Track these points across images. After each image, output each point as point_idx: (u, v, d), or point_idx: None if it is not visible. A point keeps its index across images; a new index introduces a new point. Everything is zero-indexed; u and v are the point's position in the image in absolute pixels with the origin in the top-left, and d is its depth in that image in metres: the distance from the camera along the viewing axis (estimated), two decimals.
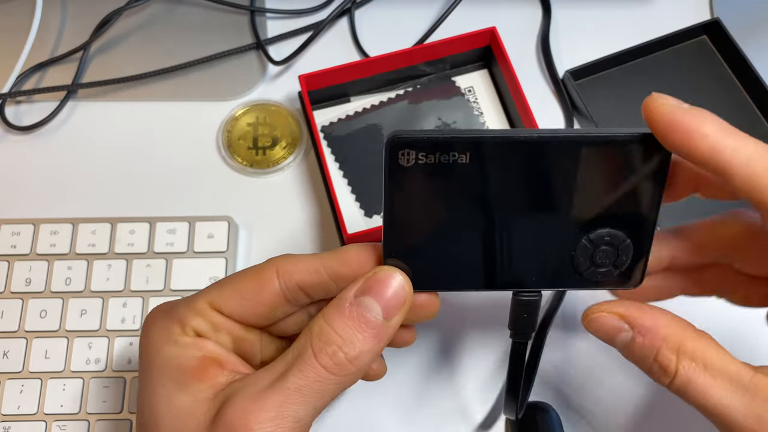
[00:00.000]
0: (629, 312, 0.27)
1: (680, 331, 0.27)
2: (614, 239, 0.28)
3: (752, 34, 0.51)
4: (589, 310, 0.28)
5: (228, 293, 0.29)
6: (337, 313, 0.27)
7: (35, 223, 0.44)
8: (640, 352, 0.27)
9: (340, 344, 0.26)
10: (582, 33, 0.52)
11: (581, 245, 0.28)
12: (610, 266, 0.28)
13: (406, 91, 0.49)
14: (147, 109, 0.50)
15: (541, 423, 0.39)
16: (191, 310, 0.29)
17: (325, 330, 0.26)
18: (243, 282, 0.29)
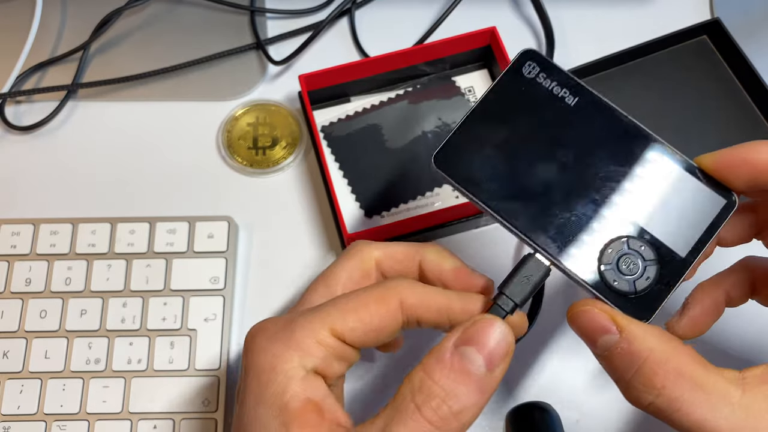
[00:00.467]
0: (619, 315, 0.26)
1: (668, 344, 0.25)
2: (646, 254, 0.27)
3: (752, 34, 0.51)
4: (577, 304, 0.27)
5: (352, 321, 0.27)
6: (438, 365, 0.25)
7: (35, 223, 0.44)
8: (621, 361, 0.26)
9: (443, 397, 0.25)
10: (582, 33, 0.52)
11: (617, 240, 0.27)
12: (630, 280, 0.27)
13: (406, 91, 0.49)
14: (147, 109, 0.50)
15: (541, 423, 0.39)
16: (313, 338, 0.27)
17: (426, 383, 0.25)
18: (366, 310, 0.28)
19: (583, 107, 0.29)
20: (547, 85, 0.29)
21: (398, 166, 0.46)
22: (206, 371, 0.41)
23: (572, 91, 0.29)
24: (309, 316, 0.27)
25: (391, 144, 0.47)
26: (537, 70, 0.29)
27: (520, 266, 0.28)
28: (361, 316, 0.27)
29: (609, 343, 0.26)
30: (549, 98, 0.29)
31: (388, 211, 0.45)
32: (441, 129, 0.47)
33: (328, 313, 0.27)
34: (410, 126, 0.47)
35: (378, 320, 0.28)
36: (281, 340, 0.27)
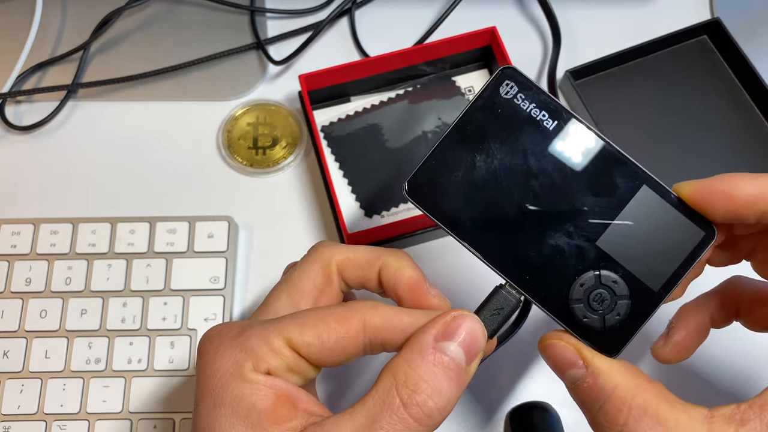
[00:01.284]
0: (586, 349, 0.26)
1: (633, 380, 0.25)
2: (618, 290, 0.27)
3: (752, 33, 0.51)
4: (547, 335, 0.27)
5: (309, 336, 0.27)
6: (422, 360, 0.25)
7: (35, 222, 0.44)
8: (587, 395, 0.26)
9: (429, 393, 0.25)
10: (582, 33, 0.52)
11: (588, 275, 0.27)
12: (600, 316, 0.27)
13: (406, 91, 0.49)
14: (147, 108, 0.50)
15: (541, 423, 0.39)
16: (267, 346, 0.26)
17: (411, 377, 0.25)
18: (325, 327, 0.27)
19: (560, 132, 0.27)
20: (525, 107, 0.27)
21: (398, 166, 0.46)
22: None
23: (551, 114, 0.27)
24: (266, 324, 0.27)
25: (391, 144, 0.47)
26: (515, 91, 0.27)
27: (490, 298, 0.28)
28: (319, 332, 0.27)
29: (575, 376, 0.26)
30: (526, 121, 0.27)
31: (388, 211, 0.45)
32: (441, 129, 0.47)
33: (285, 323, 0.27)
34: (410, 126, 0.47)
35: (336, 339, 0.27)
36: (236, 345, 0.27)
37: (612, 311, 0.27)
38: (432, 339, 0.26)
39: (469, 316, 0.26)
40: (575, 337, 0.27)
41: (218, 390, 0.26)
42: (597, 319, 0.27)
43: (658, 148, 0.47)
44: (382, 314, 0.27)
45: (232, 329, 0.28)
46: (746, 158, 0.47)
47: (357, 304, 0.28)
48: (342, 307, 0.28)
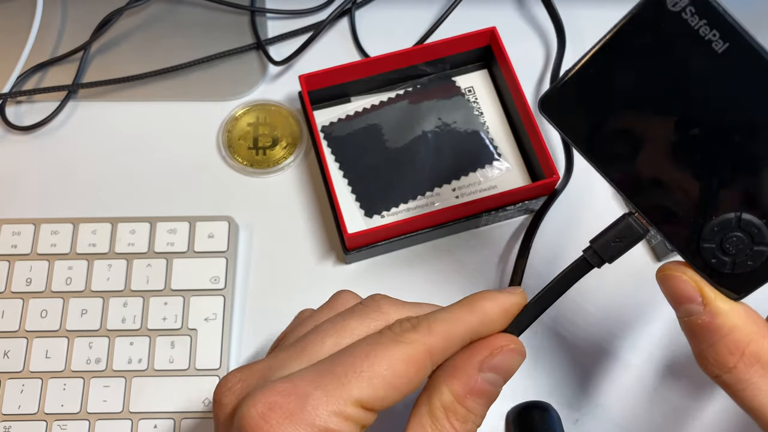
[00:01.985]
0: (707, 287, 0.25)
1: (753, 326, 0.25)
2: (758, 237, 0.24)
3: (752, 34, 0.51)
4: (667, 266, 0.26)
5: (382, 390, 0.24)
6: (467, 390, 0.26)
7: (36, 223, 0.44)
8: (700, 331, 0.25)
9: (474, 420, 0.26)
10: (585, 33, 0.52)
11: (729, 216, 0.24)
12: (730, 259, 0.25)
13: (406, 91, 0.49)
14: (147, 109, 0.50)
15: (541, 423, 0.39)
16: (340, 417, 0.23)
17: (458, 407, 0.25)
18: (395, 371, 0.25)
19: (731, 57, 0.23)
20: (693, 24, 0.23)
21: (398, 166, 0.46)
22: (207, 371, 0.41)
23: (723, 35, 0.23)
24: (332, 389, 0.24)
25: (392, 144, 0.47)
26: (686, 2, 0.23)
27: (616, 224, 0.26)
28: (390, 380, 0.24)
29: (691, 311, 0.25)
30: (692, 40, 0.24)
31: (388, 211, 0.45)
32: (441, 129, 0.47)
33: (354, 384, 0.24)
34: (410, 126, 0.47)
35: (408, 383, 0.25)
36: (304, 423, 0.23)
37: (745, 257, 0.25)
38: (477, 368, 0.26)
39: (518, 349, 0.27)
40: (697, 273, 0.25)
41: None
42: (727, 262, 0.25)
43: None
44: (439, 334, 0.26)
45: (288, 398, 0.23)
46: None
47: (412, 335, 0.25)
48: (402, 345, 0.25)
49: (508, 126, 0.48)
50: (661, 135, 0.25)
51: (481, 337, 0.27)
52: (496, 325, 0.27)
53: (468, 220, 0.44)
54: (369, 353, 0.24)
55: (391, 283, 0.45)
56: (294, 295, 0.44)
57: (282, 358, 0.26)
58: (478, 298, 0.27)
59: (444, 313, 0.26)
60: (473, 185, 0.46)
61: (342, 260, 0.45)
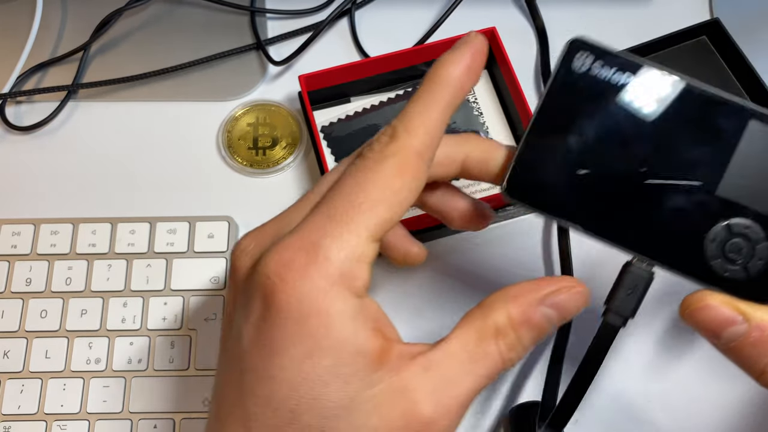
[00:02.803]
0: (740, 304, 0.24)
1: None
2: (753, 234, 0.25)
3: (752, 34, 0.51)
4: (691, 301, 0.25)
5: (387, 212, 0.24)
6: (524, 320, 0.25)
7: (35, 223, 0.44)
8: (752, 350, 0.24)
9: (520, 351, 0.25)
10: (582, 33, 0.52)
11: (717, 228, 0.25)
12: (741, 266, 0.25)
13: (406, 92, 0.49)
14: (147, 109, 0.50)
15: None
16: (355, 259, 0.23)
17: (510, 334, 0.25)
18: (393, 188, 0.24)
19: (653, 88, 0.25)
20: (605, 76, 0.25)
21: None
22: (207, 371, 0.41)
23: (635, 73, 0.25)
24: (337, 233, 0.23)
25: None
26: (591, 60, 0.25)
27: (621, 278, 0.26)
28: (394, 201, 0.24)
29: (737, 334, 0.24)
30: (612, 89, 0.25)
31: None
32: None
33: (359, 220, 0.23)
34: None
35: (410, 192, 0.25)
36: (319, 273, 0.22)
37: (753, 257, 0.25)
38: (540, 300, 0.25)
39: (585, 293, 0.26)
40: (723, 293, 0.25)
41: (313, 335, 0.22)
42: (739, 269, 0.25)
43: None
44: (418, 129, 0.25)
45: (299, 253, 0.23)
46: None
47: (394, 146, 0.25)
48: (388, 159, 0.25)
49: (507, 126, 0.48)
50: (623, 181, 0.25)
51: (459, 102, 0.26)
52: (468, 86, 0.26)
53: None
54: (360, 181, 0.24)
55: (390, 283, 0.45)
56: None
57: (289, 214, 0.26)
58: (438, 69, 0.26)
59: (414, 105, 0.26)
60: (473, 185, 0.46)
61: None
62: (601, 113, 0.25)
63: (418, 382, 0.23)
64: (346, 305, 0.23)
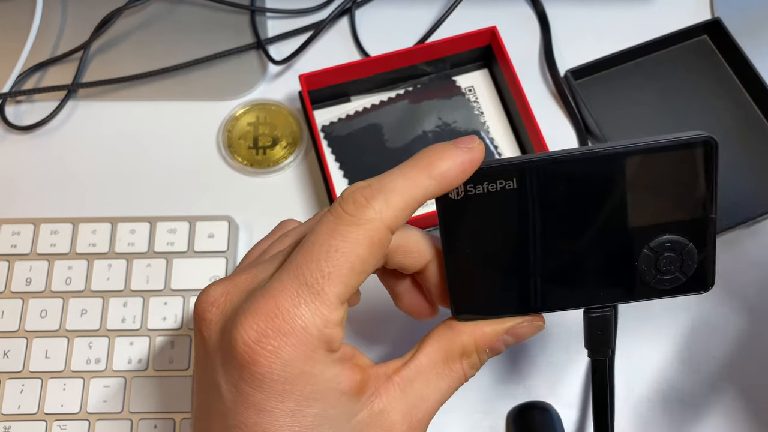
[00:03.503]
0: None
1: None
2: (675, 245, 0.27)
3: (753, 33, 0.51)
4: None
5: (354, 280, 0.25)
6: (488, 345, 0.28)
7: (35, 222, 0.44)
8: None
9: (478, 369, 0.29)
10: (582, 33, 0.52)
11: (643, 255, 0.27)
12: (677, 273, 0.27)
13: (407, 91, 0.49)
14: (147, 109, 0.50)
15: (541, 423, 0.39)
16: (327, 324, 0.24)
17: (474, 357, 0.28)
18: (361, 259, 0.25)
19: (525, 179, 0.26)
20: (481, 190, 0.26)
21: None
22: None
23: (504, 176, 0.26)
24: (310, 300, 0.24)
25: (392, 144, 0.47)
26: (461, 186, 0.26)
27: (586, 326, 0.29)
28: (361, 270, 0.25)
29: None
30: (492, 198, 0.27)
31: None
32: (441, 129, 0.47)
33: (328, 289, 0.24)
34: (410, 126, 0.47)
35: (375, 262, 0.25)
36: (299, 341, 0.24)
37: (684, 262, 0.27)
38: (504, 331, 0.28)
39: (539, 324, 0.29)
40: (673, 296, 0.28)
41: (300, 391, 0.24)
42: (679, 276, 0.27)
43: None
44: (397, 206, 0.25)
45: (275, 320, 0.24)
46: (746, 158, 0.47)
47: (368, 213, 0.25)
48: (361, 228, 0.25)
49: (508, 125, 0.48)
50: (548, 258, 0.27)
51: (439, 195, 0.26)
52: (454, 185, 0.26)
53: None
54: (330, 248, 0.24)
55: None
56: None
57: (258, 266, 0.27)
58: (435, 159, 0.26)
59: (399, 179, 0.25)
60: None
61: None
62: (495, 218, 0.27)
63: (395, 404, 0.26)
64: (326, 362, 0.24)
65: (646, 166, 0.26)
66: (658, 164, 0.26)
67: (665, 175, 0.26)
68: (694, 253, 0.27)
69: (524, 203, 0.27)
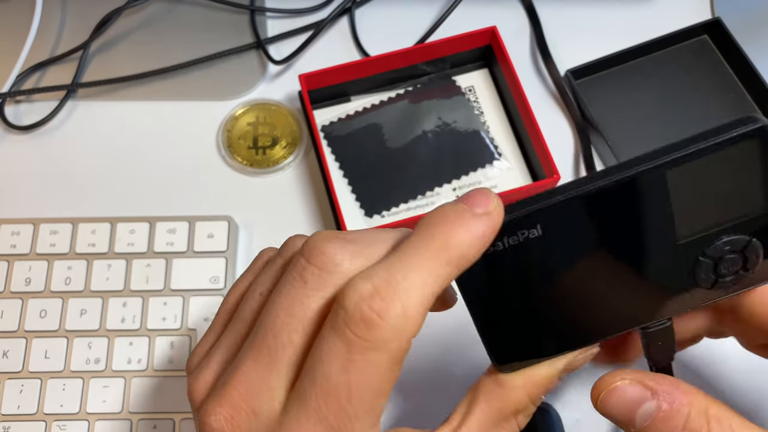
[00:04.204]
0: (645, 378, 0.24)
1: (700, 395, 0.24)
2: (736, 244, 0.24)
3: (753, 33, 0.51)
4: (602, 385, 0.25)
5: (381, 399, 0.22)
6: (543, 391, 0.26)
7: (35, 222, 0.44)
8: (666, 424, 0.24)
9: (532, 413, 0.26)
10: (582, 33, 0.52)
11: (700, 264, 0.24)
12: (740, 270, 0.25)
13: (407, 91, 0.49)
14: (147, 109, 0.50)
15: (541, 423, 0.39)
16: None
17: (530, 408, 0.26)
18: (380, 390, 0.22)
19: (550, 223, 0.23)
20: (501, 247, 0.23)
21: (398, 165, 0.46)
22: None
23: (525, 226, 0.23)
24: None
25: (392, 143, 0.47)
26: (496, 244, 0.23)
27: (646, 342, 0.26)
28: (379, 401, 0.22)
29: (649, 411, 0.24)
30: (520, 248, 0.24)
31: (388, 211, 0.45)
32: (441, 128, 0.47)
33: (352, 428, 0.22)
34: (410, 125, 0.47)
35: (391, 387, 0.23)
36: None
37: (747, 259, 0.24)
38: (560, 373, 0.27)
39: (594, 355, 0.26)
40: (749, 289, 0.25)
41: None
42: (744, 274, 0.25)
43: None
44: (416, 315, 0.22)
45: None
46: None
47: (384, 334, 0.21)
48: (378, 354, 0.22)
49: (508, 125, 0.48)
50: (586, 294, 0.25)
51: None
52: (474, 261, 0.23)
53: None
54: (351, 386, 0.21)
55: None
56: None
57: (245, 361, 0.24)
58: (451, 237, 0.22)
59: (413, 274, 0.21)
60: (474, 185, 0.46)
61: None
62: (523, 266, 0.24)
63: None
64: None
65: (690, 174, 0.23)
66: (705, 168, 0.23)
67: (714, 177, 0.23)
68: (758, 247, 0.24)
69: (555, 245, 0.24)
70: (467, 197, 0.23)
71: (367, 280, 0.21)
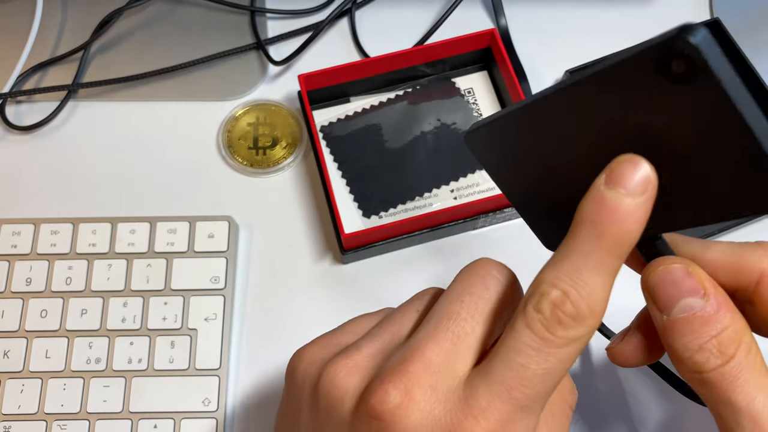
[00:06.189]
0: (705, 279, 0.23)
1: (745, 322, 0.24)
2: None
3: (753, 33, 0.51)
4: (665, 260, 0.24)
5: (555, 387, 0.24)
6: None
7: (35, 222, 0.44)
8: (701, 326, 0.23)
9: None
10: (582, 33, 0.52)
11: None
12: None
13: (406, 92, 0.49)
14: (147, 109, 0.50)
15: None
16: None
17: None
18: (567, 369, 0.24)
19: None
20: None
21: (397, 166, 0.46)
22: (206, 371, 0.41)
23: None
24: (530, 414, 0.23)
25: (391, 144, 0.47)
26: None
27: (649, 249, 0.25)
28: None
29: (690, 306, 0.23)
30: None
31: (386, 212, 0.45)
32: (440, 130, 0.47)
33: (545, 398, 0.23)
34: (410, 127, 0.47)
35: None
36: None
37: None
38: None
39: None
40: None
41: None
42: None
43: None
44: (600, 312, 0.23)
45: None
46: None
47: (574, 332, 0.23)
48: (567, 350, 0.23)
49: None
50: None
51: None
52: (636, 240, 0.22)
53: (466, 221, 0.44)
54: (547, 373, 0.23)
55: (387, 284, 0.45)
56: (293, 294, 0.44)
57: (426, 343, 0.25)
58: (618, 231, 0.21)
59: (596, 277, 0.22)
60: (472, 186, 0.46)
61: (339, 260, 0.45)
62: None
63: None
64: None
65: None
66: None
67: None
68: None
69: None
70: (621, 177, 0.21)
71: (553, 287, 0.22)
